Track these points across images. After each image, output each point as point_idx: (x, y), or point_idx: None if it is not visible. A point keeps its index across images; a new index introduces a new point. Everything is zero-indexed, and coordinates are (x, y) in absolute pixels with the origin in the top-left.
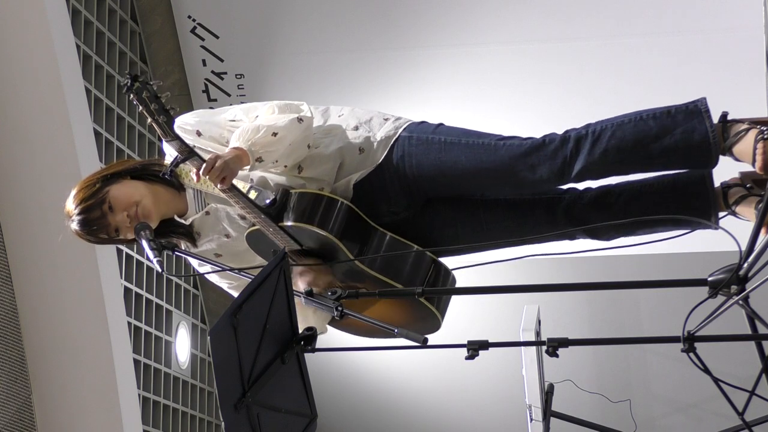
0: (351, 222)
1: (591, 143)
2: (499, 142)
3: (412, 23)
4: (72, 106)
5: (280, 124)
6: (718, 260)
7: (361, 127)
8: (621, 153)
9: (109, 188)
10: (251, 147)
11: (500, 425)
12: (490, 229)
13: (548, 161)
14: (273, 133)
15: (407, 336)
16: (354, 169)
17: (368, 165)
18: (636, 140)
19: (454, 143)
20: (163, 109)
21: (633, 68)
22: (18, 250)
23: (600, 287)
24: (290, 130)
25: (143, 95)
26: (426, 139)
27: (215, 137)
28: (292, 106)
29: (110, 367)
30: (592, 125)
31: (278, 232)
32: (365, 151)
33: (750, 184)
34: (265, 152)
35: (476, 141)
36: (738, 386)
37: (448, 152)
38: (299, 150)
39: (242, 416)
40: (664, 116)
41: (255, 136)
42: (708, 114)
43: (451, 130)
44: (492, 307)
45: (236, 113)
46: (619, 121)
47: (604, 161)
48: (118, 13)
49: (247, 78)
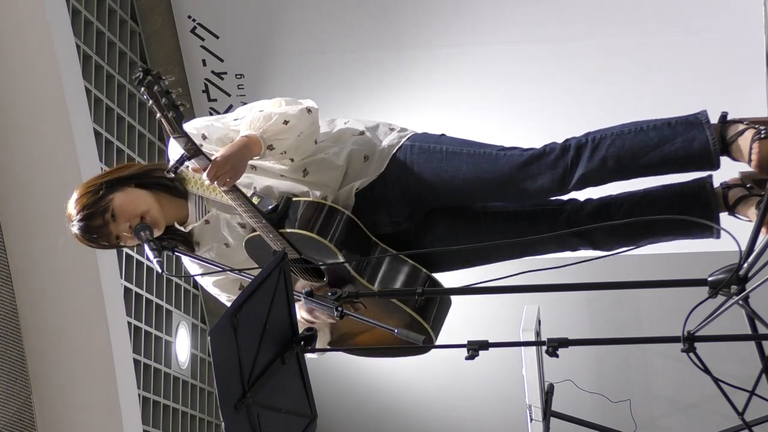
0: (351, 233)
1: (590, 151)
2: (500, 152)
3: (412, 23)
4: (72, 106)
5: (291, 112)
6: (718, 260)
7: (368, 132)
8: (620, 161)
9: (112, 196)
10: (263, 134)
11: (500, 425)
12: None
13: (549, 170)
14: (284, 121)
15: (407, 336)
16: (357, 177)
17: (371, 173)
18: (635, 150)
19: (456, 153)
20: (173, 105)
21: (633, 68)
22: (18, 251)
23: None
24: (301, 119)
25: (154, 89)
26: (428, 148)
27: (221, 138)
28: (297, 101)
29: (110, 367)
30: (591, 134)
31: (278, 238)
32: (369, 159)
33: (750, 185)
34: (276, 140)
35: (477, 151)
36: (738, 386)
37: (450, 161)
38: (307, 143)
39: (242, 416)
40: (664, 127)
41: (267, 123)
42: (709, 125)
43: (453, 140)
44: (492, 307)
45: (240, 111)
46: (619, 130)
47: (603, 168)
48: (118, 13)
49: (247, 78)
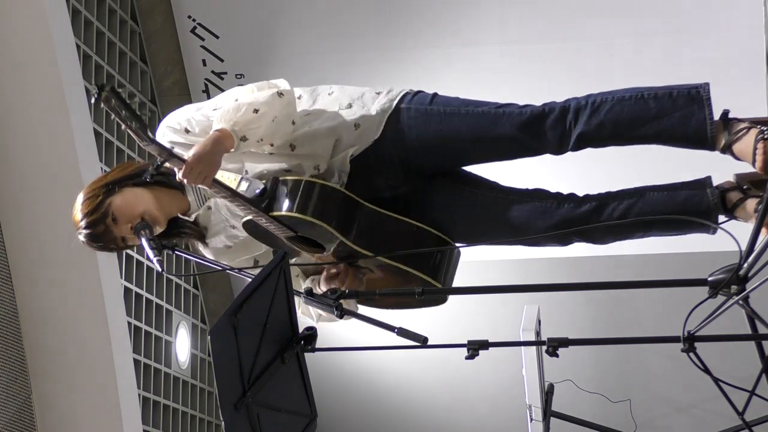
0: (344, 207)
1: (589, 114)
2: (499, 110)
3: (411, 23)
4: (72, 106)
5: (260, 99)
6: (718, 260)
7: (355, 104)
8: (617, 128)
9: (110, 200)
10: (233, 126)
11: (500, 425)
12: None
13: (549, 131)
14: (254, 110)
15: (407, 336)
16: (350, 144)
17: (365, 140)
18: (633, 118)
19: (454, 113)
20: (134, 115)
21: (633, 68)
22: (18, 250)
23: (600, 287)
24: (271, 105)
25: (112, 104)
26: (425, 111)
27: (204, 129)
28: (270, 84)
29: (110, 367)
30: (593, 96)
31: (271, 221)
32: (361, 126)
33: (747, 186)
34: (248, 130)
35: (475, 110)
36: (738, 386)
37: (448, 123)
38: (284, 126)
39: (242, 416)
40: (665, 98)
41: (236, 115)
42: (708, 102)
43: (449, 99)
44: (492, 307)
45: (217, 102)
46: (620, 95)
47: (600, 133)
48: (118, 13)
49: (247, 78)
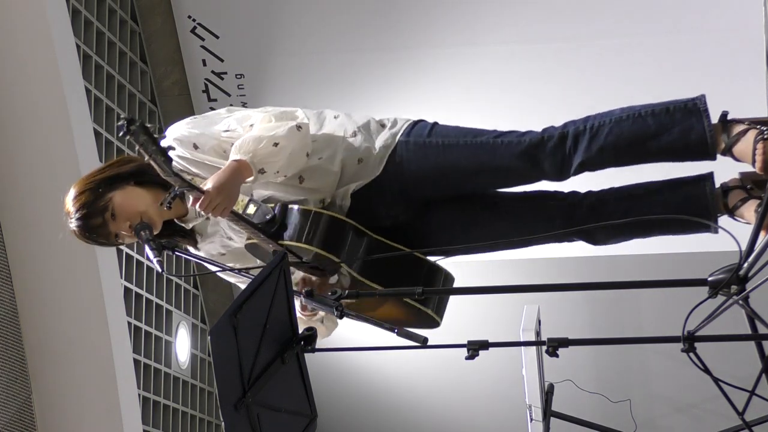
0: (353, 239)
1: (588, 140)
2: (497, 140)
3: (411, 23)
4: (72, 106)
5: (280, 133)
6: (718, 260)
7: (359, 133)
8: (618, 150)
9: (112, 195)
10: (252, 159)
11: (500, 425)
12: (488, 234)
13: (548, 158)
14: (274, 144)
15: (407, 336)
16: (352, 179)
17: (366, 176)
18: (633, 138)
19: (452, 145)
20: (160, 150)
21: (633, 68)
22: (18, 250)
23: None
24: (290, 139)
25: (141, 139)
26: (423, 144)
27: (213, 147)
28: (287, 114)
29: (110, 367)
30: (590, 119)
31: (278, 248)
32: (364, 161)
33: (750, 185)
34: (266, 163)
35: (474, 141)
36: (738, 386)
37: (447, 155)
38: (299, 159)
39: (242, 416)
40: (662, 114)
41: (256, 147)
42: (706, 113)
43: (448, 130)
44: (492, 307)
45: (230, 123)
46: (618, 116)
47: (601, 157)
48: (118, 13)
49: (247, 78)
